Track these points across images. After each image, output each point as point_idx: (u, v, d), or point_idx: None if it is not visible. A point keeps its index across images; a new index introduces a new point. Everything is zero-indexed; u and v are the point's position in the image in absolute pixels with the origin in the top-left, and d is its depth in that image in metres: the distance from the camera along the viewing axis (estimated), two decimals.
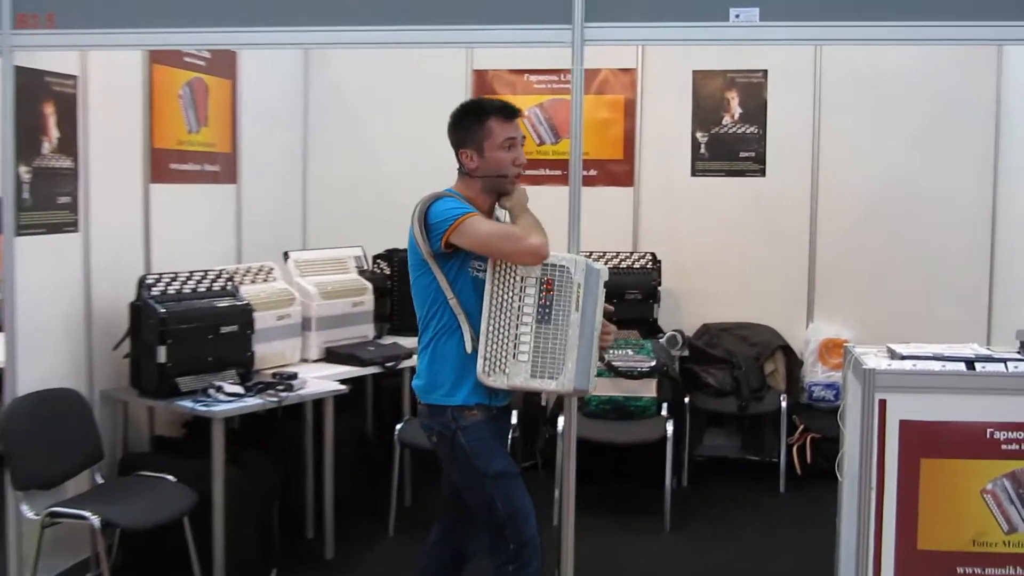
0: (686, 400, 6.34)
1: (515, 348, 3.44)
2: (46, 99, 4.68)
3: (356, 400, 5.81)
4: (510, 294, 3.45)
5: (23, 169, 4.48)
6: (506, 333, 3.46)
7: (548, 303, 3.41)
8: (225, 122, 6.26)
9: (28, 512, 4.24)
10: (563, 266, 3.48)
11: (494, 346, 3.46)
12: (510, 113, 3.70)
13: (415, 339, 6.16)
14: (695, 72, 6.98)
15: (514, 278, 3.46)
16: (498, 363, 3.46)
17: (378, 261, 6.58)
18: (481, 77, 7.22)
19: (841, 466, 4.32)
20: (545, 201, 6.88)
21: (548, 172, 7.15)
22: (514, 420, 5.57)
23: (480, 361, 3.49)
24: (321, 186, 7.37)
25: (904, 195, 6.73)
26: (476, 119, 3.70)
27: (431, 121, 7.11)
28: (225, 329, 4.95)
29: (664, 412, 5.94)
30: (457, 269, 3.56)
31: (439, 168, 7.05)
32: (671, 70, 7.00)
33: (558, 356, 3.44)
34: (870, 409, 3.86)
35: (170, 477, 4.54)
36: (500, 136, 3.67)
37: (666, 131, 7.04)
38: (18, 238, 4.38)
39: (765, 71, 6.93)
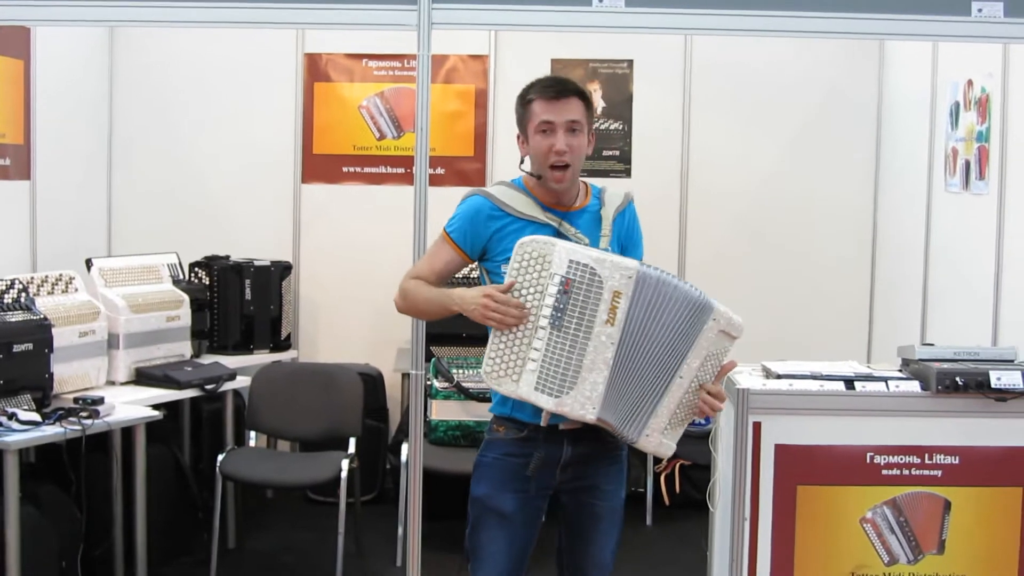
0: None
1: (528, 353, 3.22)
2: None
3: (171, 428, 5.75)
4: (531, 288, 3.23)
5: None
6: (522, 333, 3.23)
7: (563, 306, 3.21)
8: (16, 109, 6.14)
9: None
10: (586, 265, 3.21)
11: (506, 345, 3.22)
12: (553, 90, 3.47)
13: (240, 358, 6.26)
14: (554, 60, 7.10)
15: (538, 269, 3.23)
16: (509, 366, 3.22)
17: (196, 269, 6.53)
18: (314, 62, 7.23)
19: (712, 495, 4.47)
20: (386, 202, 7.07)
21: (389, 170, 7.20)
22: (351, 448, 5.64)
23: (486, 359, 3.26)
24: (129, 184, 7.26)
25: (780, 200, 6.98)
26: (522, 98, 3.57)
27: (256, 111, 7.24)
28: (18, 347, 4.85)
29: None
30: (490, 270, 3.48)
31: (265, 164, 7.15)
32: (527, 57, 7.08)
33: (568, 372, 3.20)
34: (743, 433, 4.03)
35: None
36: (538, 117, 3.48)
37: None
38: None
39: (631, 61, 7.11)
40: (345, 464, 5.43)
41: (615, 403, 3.24)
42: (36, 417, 4.73)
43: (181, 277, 6.35)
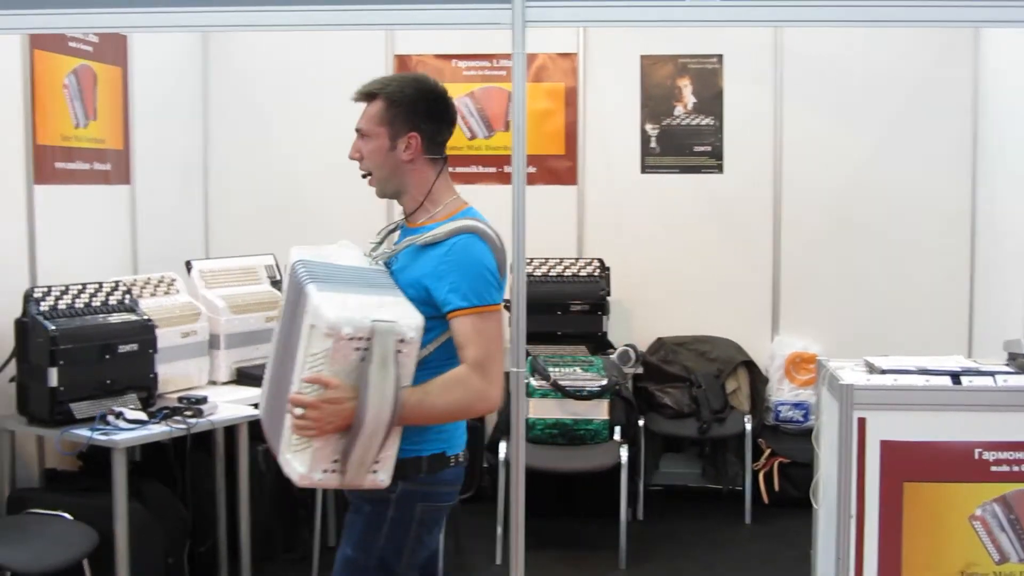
0: (640, 423, 6.42)
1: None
2: None
3: None
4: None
5: None
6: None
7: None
8: (116, 115, 6.24)
9: None
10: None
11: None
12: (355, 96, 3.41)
13: None
14: (643, 57, 7.08)
15: None
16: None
17: None
18: (403, 63, 7.25)
19: (816, 492, 4.42)
20: (478, 201, 7.04)
21: (481, 169, 7.21)
22: None
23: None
24: (225, 187, 7.34)
25: (875, 191, 6.88)
26: None
27: (347, 113, 7.23)
28: (124, 348, 4.93)
29: (617, 436, 6.02)
30: None
31: (357, 166, 7.17)
32: (616, 55, 7.09)
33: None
34: (848, 429, 3.97)
35: (66, 515, 4.52)
36: None
37: (612, 123, 7.14)
38: None
39: (720, 56, 7.05)
40: None
41: (271, 428, 3.10)
42: (142, 416, 4.81)
43: (278, 278, 6.40)
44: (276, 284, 6.21)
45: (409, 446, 3.03)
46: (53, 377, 4.70)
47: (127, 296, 5.20)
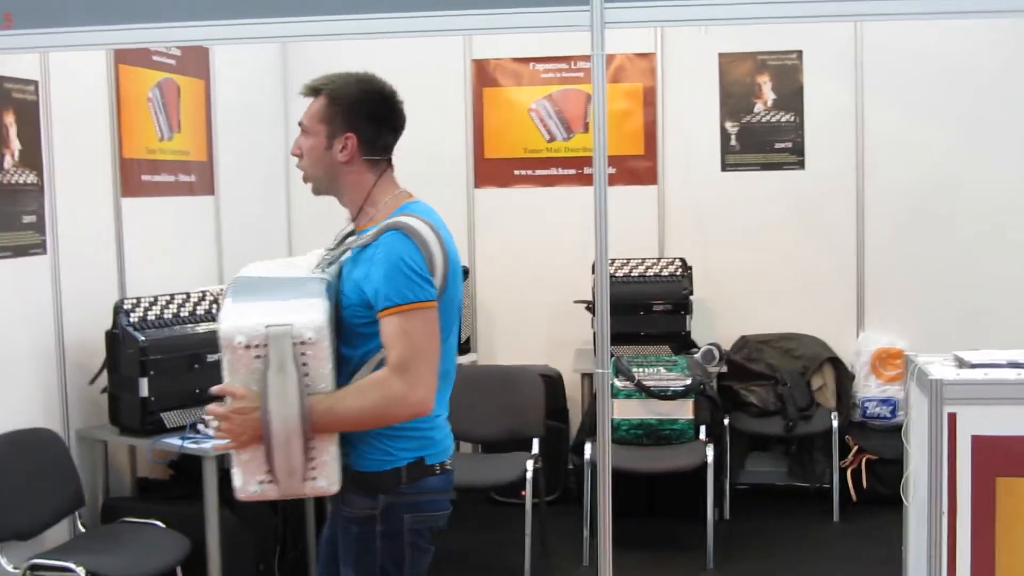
0: (726, 422, 6.40)
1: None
2: (5, 107, 4.74)
3: None
4: None
5: None
6: None
7: None
8: (199, 127, 6.33)
9: (7, 565, 4.31)
10: None
11: None
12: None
13: None
14: (721, 55, 7.06)
15: None
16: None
17: None
18: (481, 67, 7.30)
19: (906, 489, 4.38)
20: (558, 203, 7.09)
21: (560, 171, 7.23)
22: (535, 449, 5.68)
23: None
24: (307, 195, 7.31)
25: (960, 186, 6.80)
26: None
27: (426, 118, 7.29)
28: (212, 357, 4.97)
29: (702, 435, 6.00)
30: None
31: (438, 171, 7.23)
32: (694, 53, 7.07)
33: None
34: (938, 424, 3.93)
35: (159, 523, 4.60)
36: None
37: (691, 122, 7.12)
38: None
39: (800, 52, 7.01)
40: (530, 465, 5.47)
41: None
42: None
43: None
44: None
45: (382, 456, 2.98)
46: (144, 387, 4.78)
47: (214, 306, 5.27)
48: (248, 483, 2.88)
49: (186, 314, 5.12)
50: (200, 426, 4.77)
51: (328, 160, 3.12)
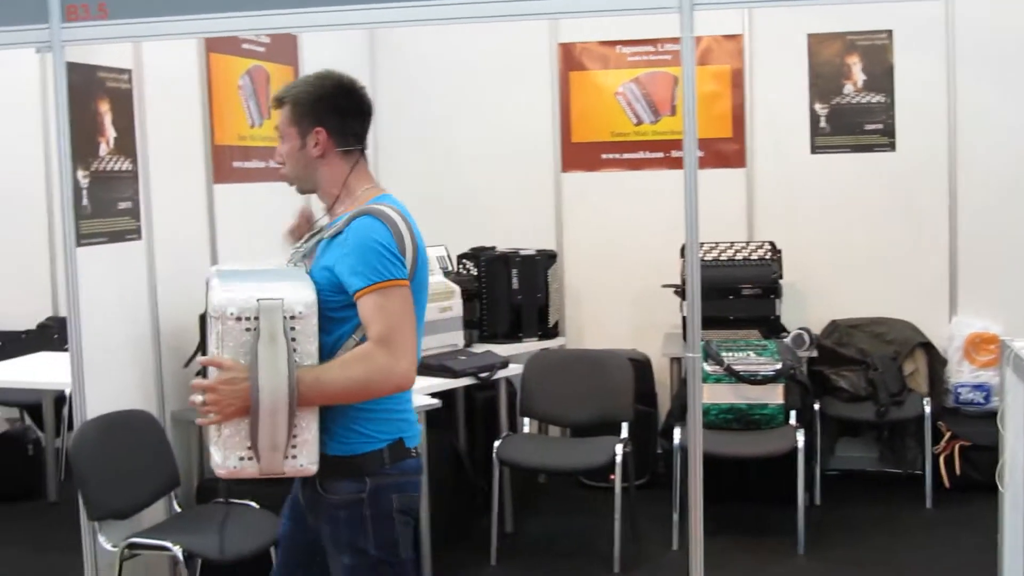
0: (816, 407, 6.34)
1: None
2: (100, 96, 4.83)
3: (447, 415, 5.88)
4: None
5: (81, 173, 4.63)
6: None
7: None
8: None
9: (106, 543, 4.40)
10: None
11: None
12: None
13: (509, 346, 6.37)
14: (810, 36, 6.96)
15: None
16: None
17: (464, 261, 6.68)
18: (568, 51, 7.30)
19: (1002, 476, 4.32)
20: (645, 187, 7.07)
21: (648, 155, 7.20)
22: (624, 434, 5.68)
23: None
24: (395, 180, 7.42)
25: None
26: None
27: (513, 102, 7.35)
28: None
29: (793, 420, 5.95)
30: None
31: (525, 155, 7.25)
32: (782, 34, 6.98)
33: None
34: None
35: (253, 504, 4.66)
36: None
37: (780, 104, 7.04)
38: (79, 248, 4.53)
39: (890, 31, 6.89)
40: (619, 449, 5.46)
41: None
42: None
43: (451, 269, 6.50)
44: (448, 275, 6.31)
45: (362, 440, 3.03)
46: None
47: None
48: (228, 458, 2.91)
49: None
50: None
51: (305, 158, 3.19)
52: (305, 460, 2.93)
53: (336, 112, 3.20)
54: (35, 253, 7.38)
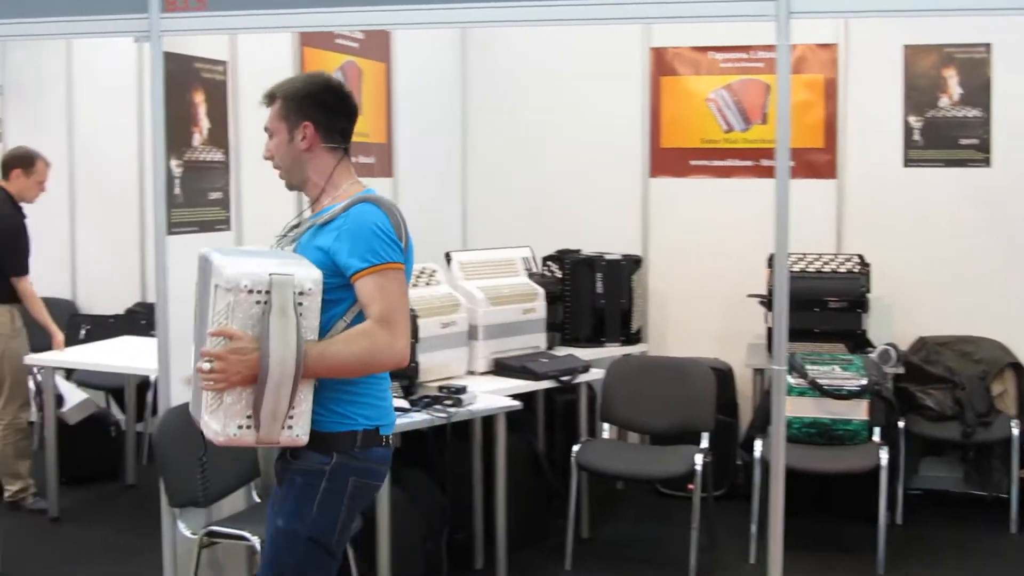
0: (900, 424, 6.23)
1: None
2: (195, 87, 4.87)
3: (526, 417, 5.86)
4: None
5: (174, 163, 4.67)
6: None
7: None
8: (379, 110, 6.42)
9: (185, 531, 4.44)
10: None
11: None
12: None
13: (591, 350, 6.35)
14: (906, 47, 6.85)
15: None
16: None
17: (548, 263, 6.67)
18: (660, 56, 7.26)
19: None
20: (734, 195, 7.02)
21: (737, 163, 7.14)
22: (704, 443, 5.64)
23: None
24: (482, 180, 7.50)
25: None
26: None
27: (602, 106, 7.32)
28: None
29: (876, 437, 5.86)
30: None
31: (613, 159, 7.23)
32: (878, 45, 6.88)
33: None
34: None
35: None
36: None
37: (873, 115, 6.93)
38: (169, 237, 4.58)
39: (988, 44, 6.76)
40: (699, 459, 5.41)
41: (194, 400, 3.21)
42: (405, 404, 4.94)
43: (535, 270, 6.49)
44: (533, 276, 6.29)
45: (341, 419, 3.16)
46: None
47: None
48: (229, 426, 3.00)
49: None
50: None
51: (293, 151, 3.33)
52: (299, 430, 3.04)
53: (323, 108, 3.33)
54: (126, 240, 7.49)
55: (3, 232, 6.09)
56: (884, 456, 5.61)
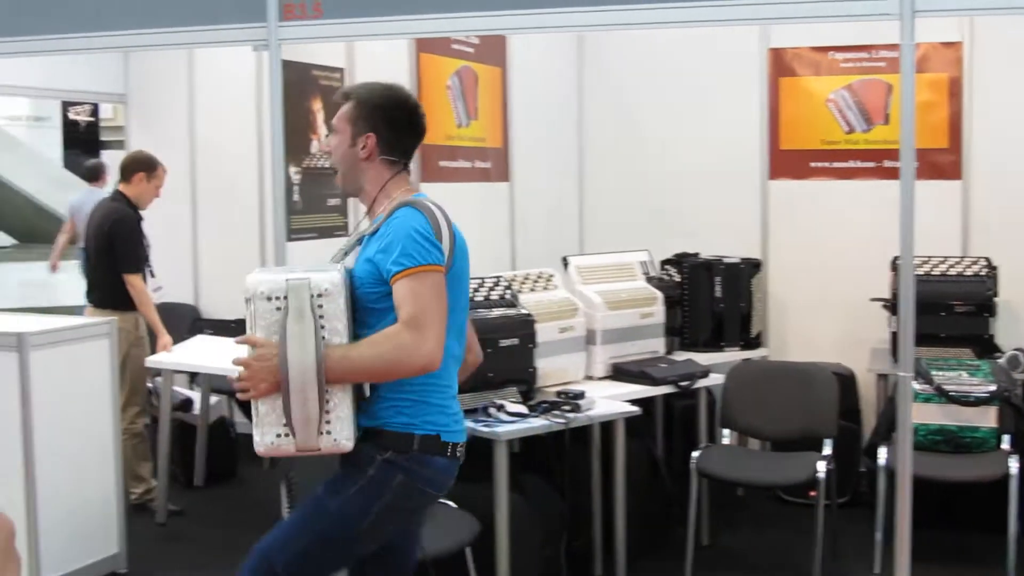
0: None
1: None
2: (313, 94, 4.94)
3: (645, 423, 5.82)
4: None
5: (293, 170, 4.74)
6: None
7: None
8: (496, 114, 6.43)
9: None
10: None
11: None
12: None
13: (710, 355, 6.28)
14: None
15: None
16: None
17: (666, 267, 6.62)
18: (778, 56, 7.17)
19: None
20: (856, 197, 6.89)
21: (859, 164, 7.02)
22: (827, 450, 5.53)
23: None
24: (599, 183, 7.47)
25: None
26: None
27: (720, 108, 7.25)
28: (505, 342, 5.07)
29: (1005, 445, 5.70)
30: None
31: (731, 161, 7.15)
32: (1006, 43, 6.69)
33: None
34: None
35: (450, 503, 4.68)
36: None
37: (1001, 115, 6.75)
38: (290, 243, 4.62)
39: None
40: (821, 466, 5.31)
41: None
42: (523, 409, 4.92)
43: (653, 274, 6.44)
44: (651, 280, 6.25)
45: (401, 419, 3.16)
46: None
47: (507, 291, 5.33)
48: (266, 435, 3.06)
49: (480, 299, 5.18)
50: (492, 409, 4.82)
51: (351, 156, 3.34)
52: (339, 436, 3.07)
53: (390, 124, 3.34)
54: (246, 245, 7.58)
55: (121, 230, 6.13)
56: (1014, 465, 5.45)
